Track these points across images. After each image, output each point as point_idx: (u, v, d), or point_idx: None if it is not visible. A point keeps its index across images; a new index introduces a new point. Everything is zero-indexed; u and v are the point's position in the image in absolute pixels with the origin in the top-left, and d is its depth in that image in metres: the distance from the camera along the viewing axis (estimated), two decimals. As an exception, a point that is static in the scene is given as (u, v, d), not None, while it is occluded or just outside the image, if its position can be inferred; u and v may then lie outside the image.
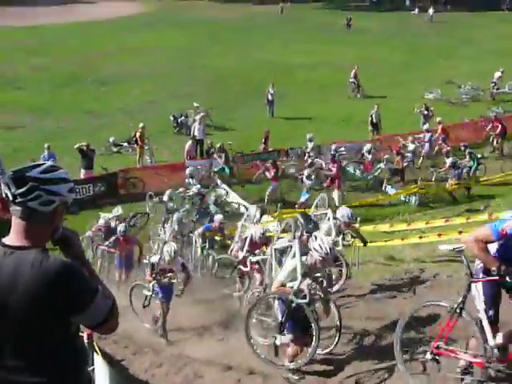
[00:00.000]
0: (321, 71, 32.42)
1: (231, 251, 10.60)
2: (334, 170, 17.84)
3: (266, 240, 9.99)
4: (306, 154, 20.05)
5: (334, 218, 9.19)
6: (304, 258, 6.60)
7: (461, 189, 17.99)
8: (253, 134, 23.12)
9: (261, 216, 12.25)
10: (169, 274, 9.13)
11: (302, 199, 16.62)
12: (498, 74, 29.03)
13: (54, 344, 2.59)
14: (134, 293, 9.63)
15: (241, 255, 9.88)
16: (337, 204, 15.00)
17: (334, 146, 19.70)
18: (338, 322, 6.75)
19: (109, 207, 15.85)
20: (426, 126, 22.13)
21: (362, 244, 9.76)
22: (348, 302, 8.72)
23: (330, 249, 6.43)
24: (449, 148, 20.28)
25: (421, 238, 11.01)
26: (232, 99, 27.83)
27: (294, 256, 6.86)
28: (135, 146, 21.51)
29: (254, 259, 9.64)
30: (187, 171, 17.76)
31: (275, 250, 8.11)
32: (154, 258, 9.34)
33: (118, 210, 14.23)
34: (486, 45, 38.67)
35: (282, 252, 8.02)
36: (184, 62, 33.30)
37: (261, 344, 6.91)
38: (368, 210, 16.44)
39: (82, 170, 19.15)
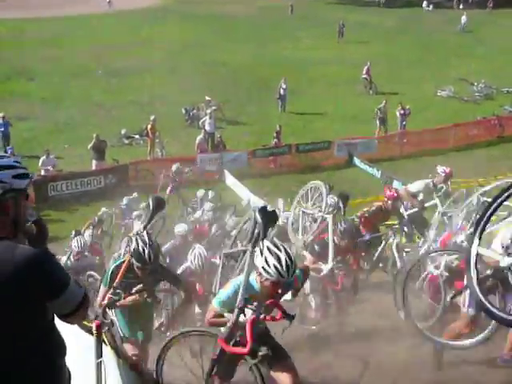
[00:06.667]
0: (333, 67, 32.25)
1: None
2: None
3: None
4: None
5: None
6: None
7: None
8: (264, 128, 23.09)
9: None
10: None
11: None
12: None
13: (35, 331, 2.59)
14: None
15: None
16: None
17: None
18: None
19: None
20: None
21: None
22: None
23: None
24: None
25: None
26: (243, 93, 27.76)
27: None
28: (146, 138, 21.54)
29: None
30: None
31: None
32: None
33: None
34: (501, 44, 38.19)
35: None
36: (196, 56, 33.20)
37: None
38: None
39: (94, 161, 19.22)
